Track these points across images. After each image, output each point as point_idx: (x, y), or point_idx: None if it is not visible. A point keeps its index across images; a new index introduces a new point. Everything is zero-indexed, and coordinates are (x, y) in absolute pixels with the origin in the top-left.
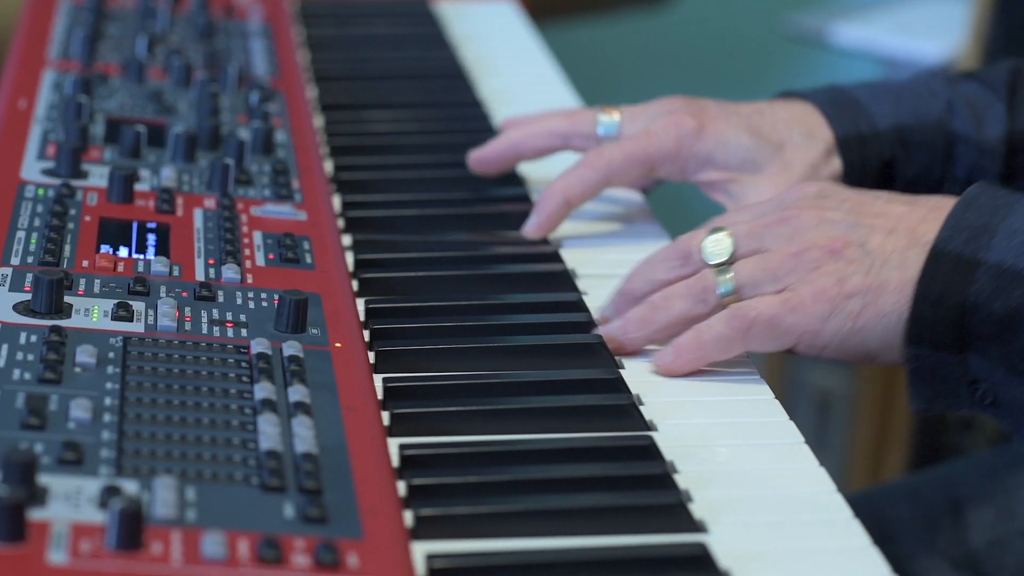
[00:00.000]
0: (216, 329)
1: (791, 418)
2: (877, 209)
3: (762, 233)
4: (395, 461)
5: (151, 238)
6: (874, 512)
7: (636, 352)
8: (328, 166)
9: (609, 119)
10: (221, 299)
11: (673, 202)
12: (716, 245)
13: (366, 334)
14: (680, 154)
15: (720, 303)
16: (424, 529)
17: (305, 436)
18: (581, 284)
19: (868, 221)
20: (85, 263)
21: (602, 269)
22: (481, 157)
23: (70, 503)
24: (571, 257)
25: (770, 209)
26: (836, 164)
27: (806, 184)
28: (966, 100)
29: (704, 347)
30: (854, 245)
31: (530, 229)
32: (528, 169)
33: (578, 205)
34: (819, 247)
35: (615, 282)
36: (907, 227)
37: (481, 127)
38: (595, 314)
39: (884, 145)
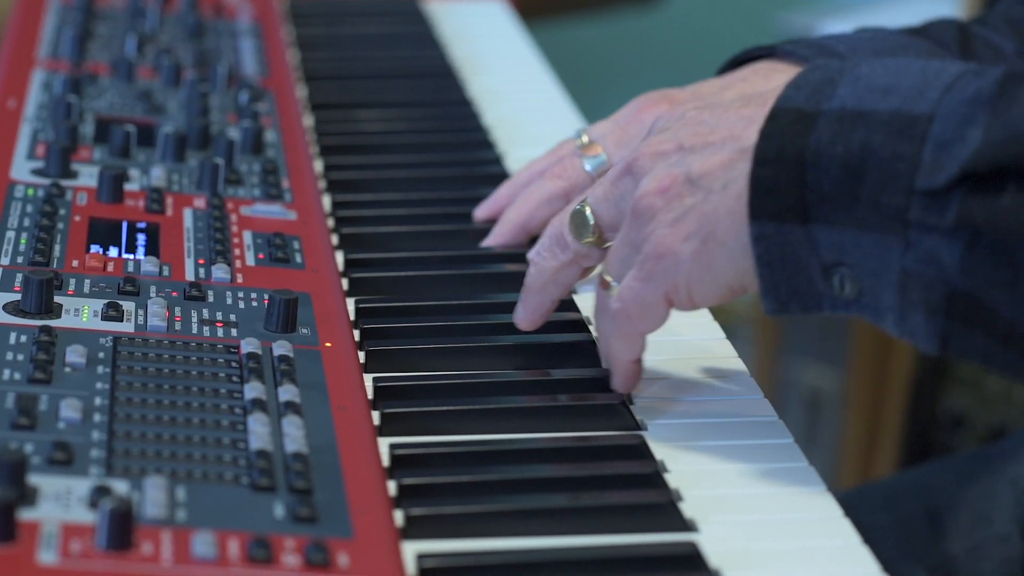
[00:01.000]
0: (206, 329)
1: (781, 417)
2: (707, 125)
3: (613, 194)
4: (385, 461)
5: (141, 238)
6: (852, 518)
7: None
8: (318, 165)
9: (594, 157)
10: (211, 299)
11: None
12: (578, 223)
13: (356, 333)
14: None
15: (578, 253)
16: (414, 529)
17: (295, 436)
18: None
19: (694, 140)
20: (75, 263)
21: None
22: (489, 211)
23: (60, 503)
24: None
25: (624, 155)
26: None
27: (650, 100)
28: (927, 57)
29: (619, 355)
30: (680, 179)
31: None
32: (517, 168)
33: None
34: (651, 194)
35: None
36: (730, 136)
37: (471, 126)
38: (585, 313)
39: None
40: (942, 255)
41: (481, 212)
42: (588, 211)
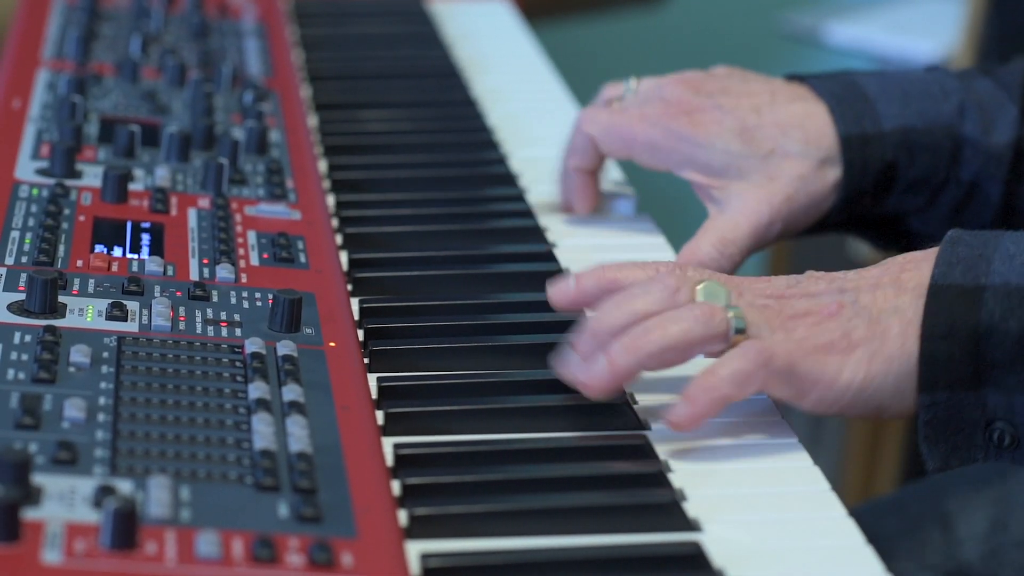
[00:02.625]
0: (210, 329)
1: (784, 417)
2: (851, 276)
3: (755, 301)
4: (389, 460)
5: (145, 238)
6: (861, 528)
7: (617, 389)
8: (322, 165)
9: (629, 86)
10: (215, 299)
11: (668, 201)
12: (711, 291)
13: (360, 333)
14: (661, 147)
15: (723, 332)
16: (418, 528)
17: (299, 435)
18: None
19: (850, 285)
20: (79, 263)
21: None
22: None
23: (64, 503)
24: (565, 257)
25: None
26: (830, 175)
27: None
28: (978, 101)
29: (720, 385)
30: (848, 304)
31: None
32: (522, 168)
33: (582, 167)
34: (815, 313)
35: None
36: (890, 280)
37: (475, 126)
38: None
39: (887, 147)
40: None
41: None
42: (724, 291)
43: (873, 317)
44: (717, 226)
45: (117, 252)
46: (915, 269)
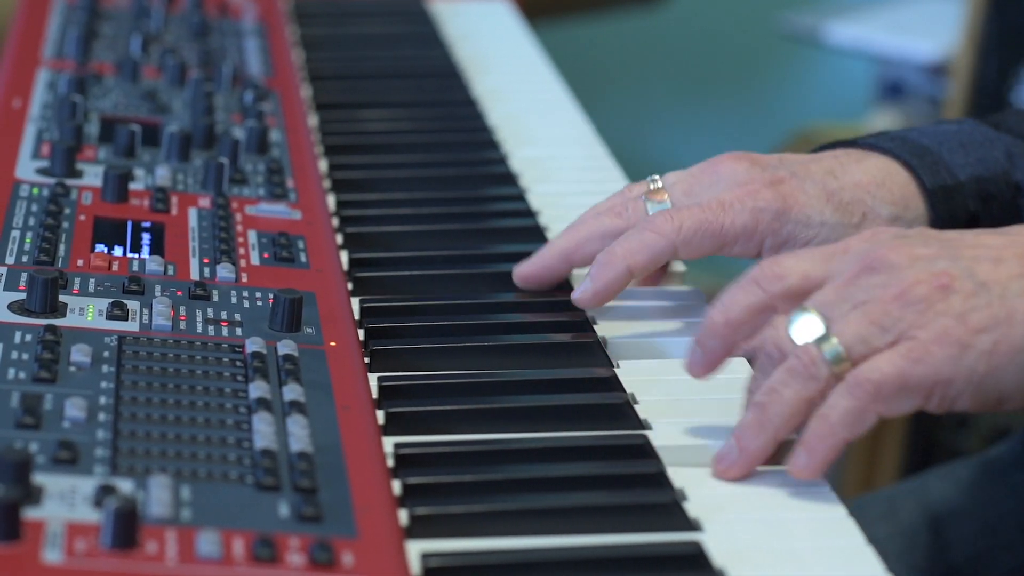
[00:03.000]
0: (211, 328)
1: None
2: (969, 241)
3: (851, 291)
4: (390, 460)
5: (146, 237)
6: None
7: (752, 470)
8: (323, 165)
9: (660, 202)
10: (216, 298)
11: None
12: (806, 329)
13: (361, 333)
14: (757, 231)
15: (833, 374)
16: (419, 528)
17: (300, 435)
18: (575, 283)
19: (966, 252)
20: (80, 262)
21: None
22: (529, 273)
23: (65, 502)
24: None
25: (846, 262)
26: (924, 220)
27: (874, 230)
28: (1017, 148)
29: (835, 430)
30: (962, 277)
31: (584, 297)
32: (522, 168)
33: (641, 275)
34: (923, 283)
35: None
36: (1015, 254)
37: (475, 126)
38: (589, 313)
39: (968, 197)
40: None
41: (525, 272)
42: (820, 317)
43: (995, 296)
44: None
45: (118, 251)
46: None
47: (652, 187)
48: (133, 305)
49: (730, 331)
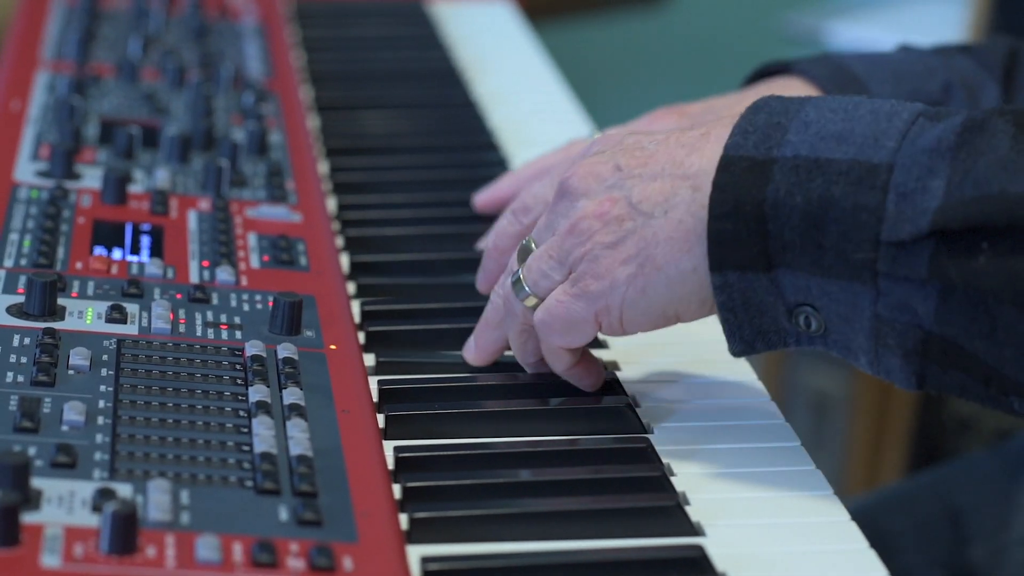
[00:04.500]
0: (210, 331)
1: (787, 420)
2: (647, 151)
3: (549, 220)
4: (390, 464)
5: (145, 240)
6: (870, 524)
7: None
8: (323, 167)
9: None
10: (215, 301)
11: None
12: (523, 262)
13: (361, 336)
14: None
15: (528, 308)
16: (419, 532)
17: (300, 439)
18: None
19: (634, 169)
20: (79, 265)
21: None
22: (488, 199)
23: (64, 506)
24: None
25: (556, 179)
26: None
27: (664, 111)
28: (961, 79)
29: (554, 366)
30: (620, 203)
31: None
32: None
33: None
34: (589, 215)
35: None
36: (671, 163)
37: (476, 128)
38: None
39: None
40: (915, 304)
41: (481, 199)
42: (532, 246)
43: (639, 221)
44: None
45: (117, 254)
46: (702, 147)
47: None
48: (132, 308)
49: (499, 255)
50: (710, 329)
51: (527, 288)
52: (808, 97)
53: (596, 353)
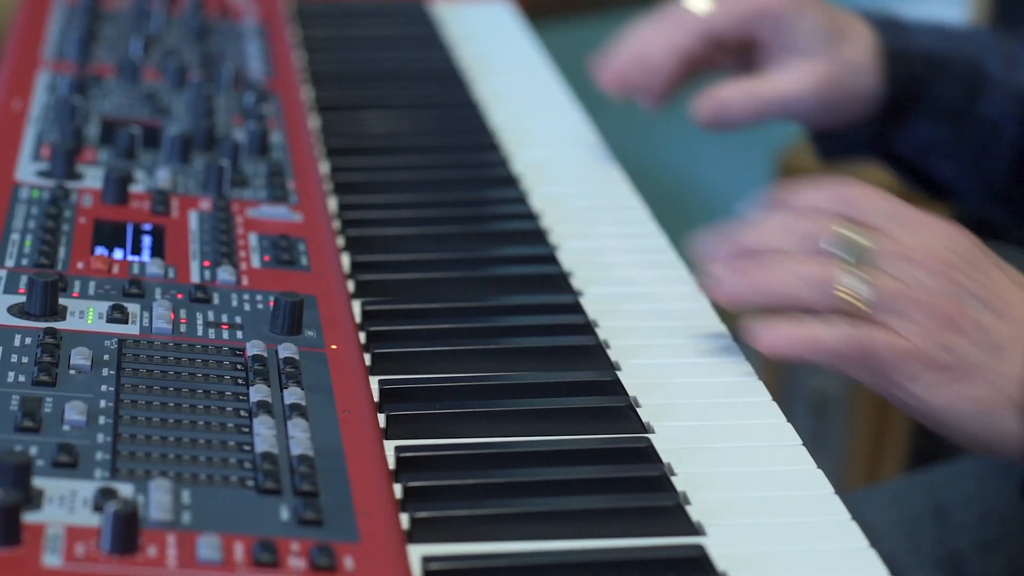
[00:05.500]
0: (211, 331)
1: (788, 420)
2: (994, 281)
3: (906, 265)
4: (391, 463)
5: (146, 240)
6: (859, 518)
7: (728, 300)
8: (324, 167)
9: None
10: (216, 301)
11: (670, 204)
12: (849, 243)
13: (362, 336)
14: (783, 16)
15: (838, 300)
16: (420, 532)
17: (301, 438)
18: (577, 286)
19: (982, 293)
20: (80, 265)
21: (598, 271)
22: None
23: (65, 506)
24: (567, 259)
25: (916, 244)
26: (868, 79)
27: (959, 236)
28: (999, 48)
29: (812, 349)
30: (969, 314)
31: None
32: (524, 170)
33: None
34: (960, 314)
35: (611, 284)
36: (1019, 318)
37: (477, 128)
38: (591, 316)
39: (917, 64)
40: None
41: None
42: (868, 244)
43: (990, 345)
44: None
45: (118, 254)
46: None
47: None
48: (133, 308)
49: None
50: (710, 330)
51: (868, 294)
52: None
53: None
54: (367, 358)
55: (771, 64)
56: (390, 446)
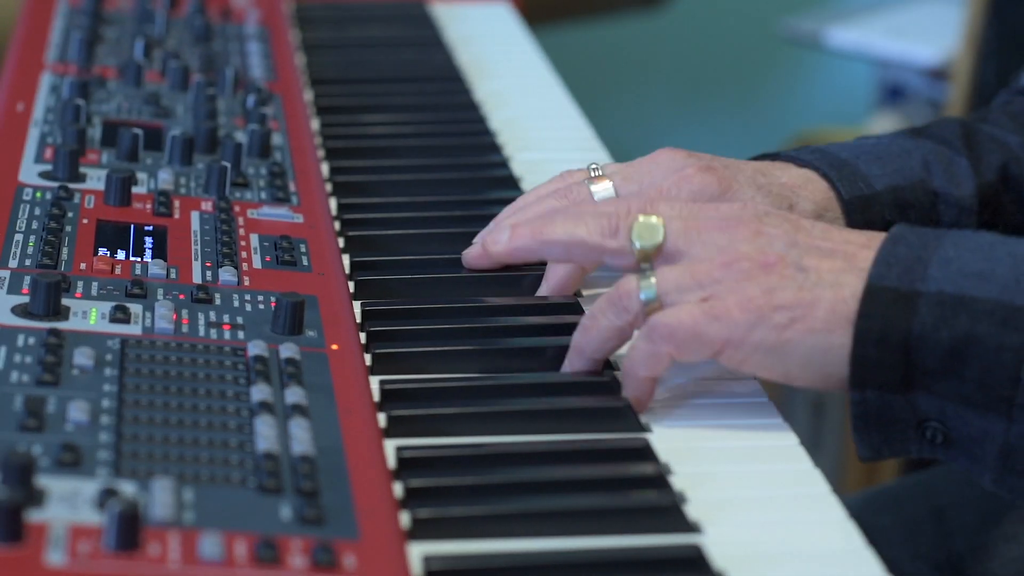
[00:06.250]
0: (213, 331)
1: (786, 420)
2: (818, 232)
3: (696, 235)
4: (392, 463)
5: (148, 241)
6: (858, 520)
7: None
8: (325, 169)
9: (602, 189)
10: (218, 301)
11: None
12: (647, 230)
13: (363, 336)
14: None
15: (643, 311)
16: (421, 530)
17: (302, 438)
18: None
19: (807, 242)
20: (83, 266)
21: (598, 271)
22: (475, 261)
23: (68, 505)
24: None
25: (710, 214)
26: None
27: (752, 203)
28: (935, 156)
29: (635, 368)
30: (789, 263)
31: (503, 243)
32: (524, 171)
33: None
34: (751, 259)
35: (611, 284)
36: (845, 252)
37: (477, 130)
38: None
39: (884, 206)
40: None
41: (472, 255)
42: (662, 229)
43: (807, 284)
44: None
45: (120, 255)
46: (873, 249)
47: (593, 174)
48: (136, 308)
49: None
50: None
51: (653, 292)
52: (944, 232)
53: None
54: (367, 358)
55: None
56: (391, 445)
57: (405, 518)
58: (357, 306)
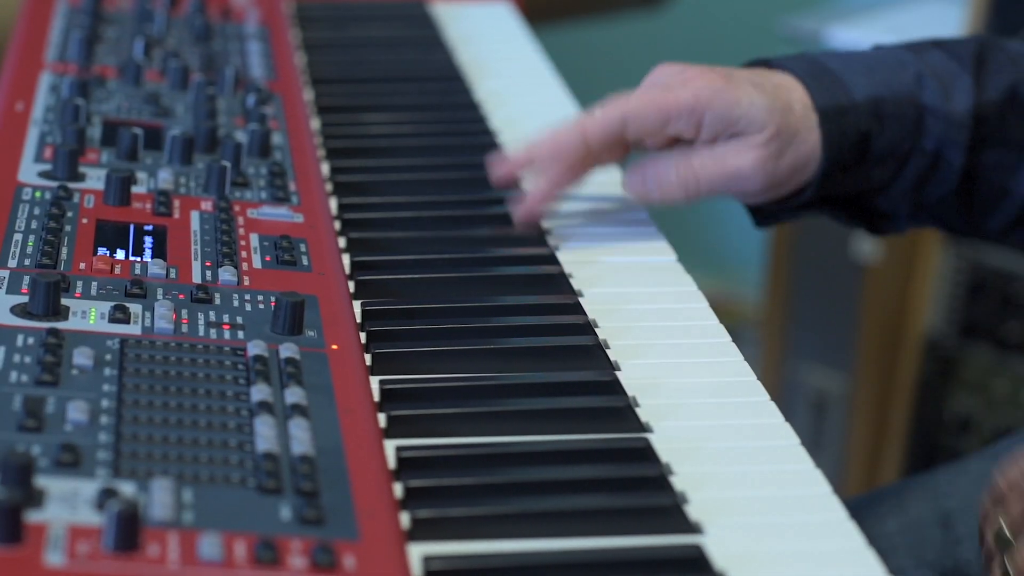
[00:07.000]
0: (213, 331)
1: (787, 420)
2: None
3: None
4: (392, 463)
5: (148, 240)
6: (861, 525)
7: None
8: (325, 168)
9: None
10: (218, 301)
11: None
12: (998, 537)
13: (363, 336)
14: (697, 107)
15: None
16: (421, 531)
17: (302, 438)
18: (577, 286)
19: None
20: (82, 265)
21: (598, 271)
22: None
23: (67, 505)
24: (567, 259)
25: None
26: (811, 143)
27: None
28: (933, 71)
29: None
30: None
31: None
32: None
33: (593, 145)
34: None
35: (611, 284)
36: None
37: (478, 129)
38: (591, 316)
39: (861, 117)
40: None
41: (501, 168)
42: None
43: None
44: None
45: (120, 255)
46: None
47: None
48: (135, 308)
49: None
50: (710, 329)
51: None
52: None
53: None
54: (367, 358)
55: (710, 145)
56: (391, 445)
57: (405, 518)
58: (357, 306)
